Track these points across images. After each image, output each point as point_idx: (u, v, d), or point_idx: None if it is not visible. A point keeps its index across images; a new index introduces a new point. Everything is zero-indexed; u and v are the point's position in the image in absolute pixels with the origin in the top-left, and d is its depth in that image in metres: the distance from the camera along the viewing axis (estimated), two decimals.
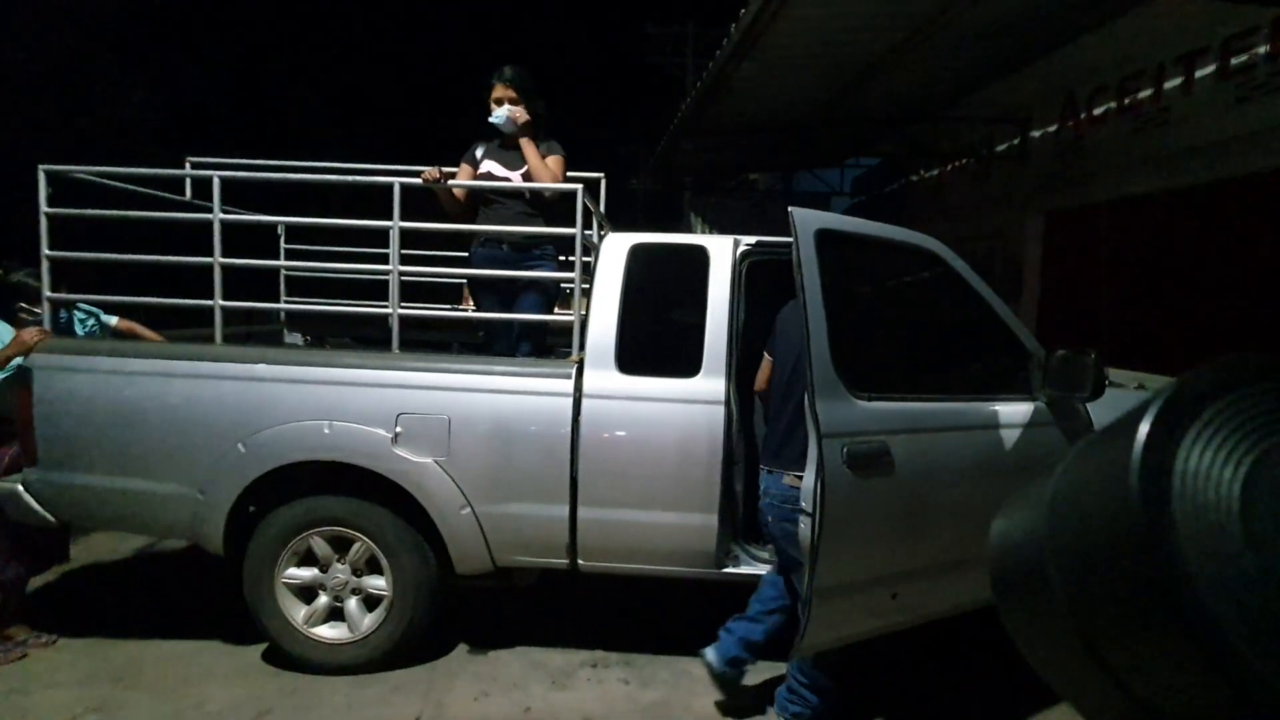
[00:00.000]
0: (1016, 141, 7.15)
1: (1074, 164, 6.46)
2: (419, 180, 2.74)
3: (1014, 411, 2.28)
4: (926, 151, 8.41)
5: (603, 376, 2.53)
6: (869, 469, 1.93)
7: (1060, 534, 0.45)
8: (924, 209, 9.21)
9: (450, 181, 2.89)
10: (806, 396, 1.92)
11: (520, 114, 2.95)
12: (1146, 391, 2.62)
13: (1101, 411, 2.39)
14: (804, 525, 1.95)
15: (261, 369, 2.53)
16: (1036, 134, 6.96)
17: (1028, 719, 2.45)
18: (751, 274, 2.70)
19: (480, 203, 3.06)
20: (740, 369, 2.60)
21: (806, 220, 2.00)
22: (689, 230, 9.08)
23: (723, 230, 9.10)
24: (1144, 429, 0.40)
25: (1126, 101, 5.91)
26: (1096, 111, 6.22)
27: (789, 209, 2.01)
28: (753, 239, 2.69)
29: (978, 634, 2.00)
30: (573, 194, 2.63)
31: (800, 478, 2.04)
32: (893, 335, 2.30)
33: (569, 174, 3.13)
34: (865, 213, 11.07)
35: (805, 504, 1.94)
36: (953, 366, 2.33)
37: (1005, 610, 0.54)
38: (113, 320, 3.13)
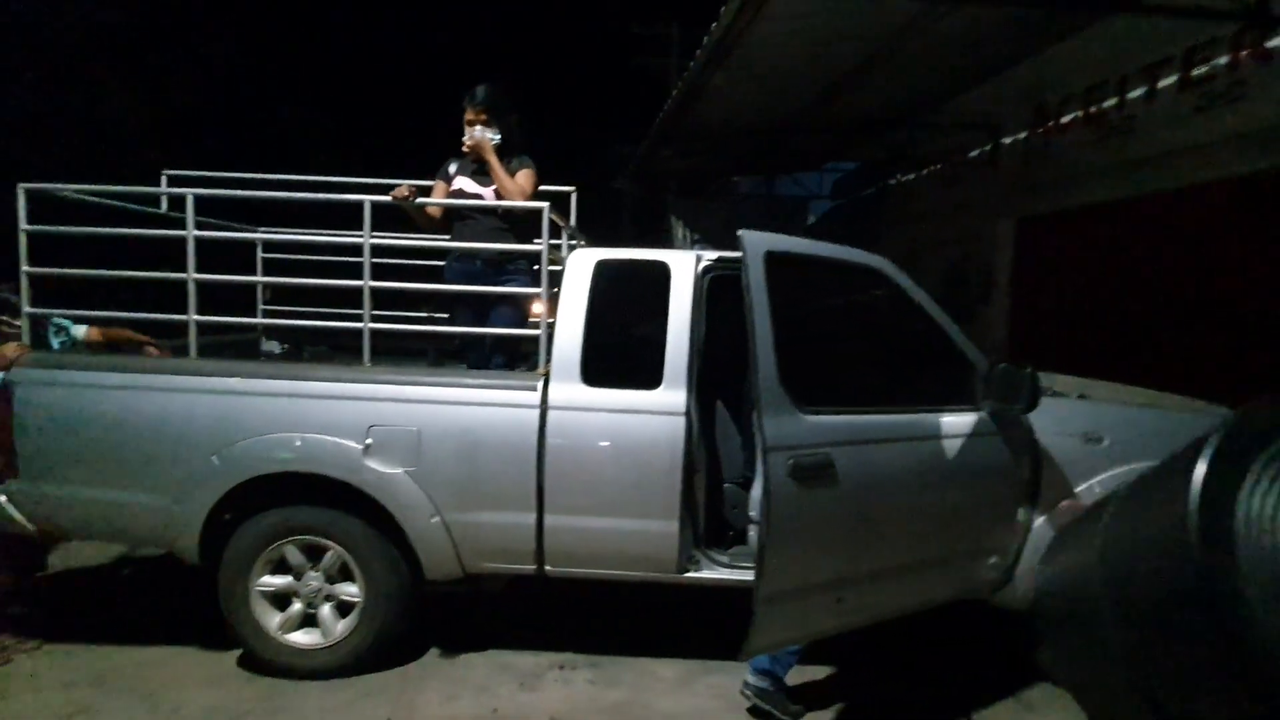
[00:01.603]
0: (988, 148, 7.31)
1: (1042, 171, 6.62)
2: (389, 198, 2.82)
3: (957, 422, 2.40)
4: (902, 157, 8.56)
5: (568, 389, 2.62)
6: (813, 480, 2.04)
7: (1117, 582, 0.40)
8: (901, 212, 9.36)
9: (420, 200, 2.96)
10: (754, 412, 2.02)
11: (486, 142, 3.01)
12: (1087, 400, 2.76)
13: (1041, 420, 2.53)
14: (753, 533, 2.06)
15: (235, 383, 2.61)
16: (1007, 141, 7.12)
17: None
18: (713, 289, 2.80)
19: (455, 217, 3.14)
20: (701, 381, 2.71)
21: (755, 243, 2.10)
22: (670, 233, 9.17)
23: (703, 233, 9.23)
24: (1201, 469, 0.34)
25: (1092, 110, 6.07)
26: (1064, 120, 6.37)
27: (739, 233, 2.11)
28: (714, 254, 2.78)
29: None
30: (542, 209, 2.72)
31: None
32: (840, 351, 2.41)
33: (541, 187, 3.21)
34: (844, 216, 11.25)
35: (754, 513, 2.04)
36: (898, 380, 2.44)
37: (1051, 652, 0.55)
38: (80, 331, 3.13)
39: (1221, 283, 5.02)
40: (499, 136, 3.06)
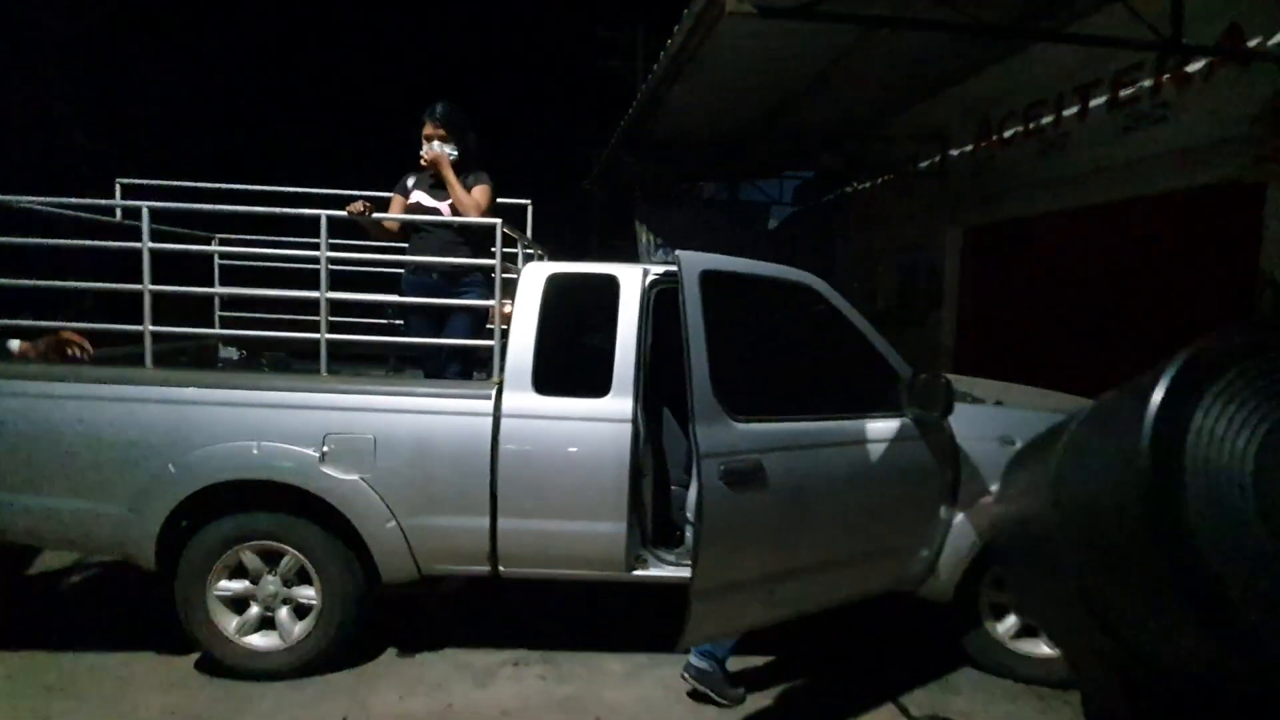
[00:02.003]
0: (938, 159, 7.62)
1: (987, 183, 6.94)
2: (344, 213, 2.90)
3: (882, 428, 2.59)
4: (857, 167, 8.85)
5: (520, 397, 2.74)
6: (744, 484, 2.20)
7: (1069, 510, 0.43)
8: (858, 219, 9.67)
9: (376, 215, 3.05)
10: (689, 421, 2.17)
11: (444, 157, 3.12)
12: (1003, 406, 2.98)
13: (961, 425, 2.74)
14: (690, 533, 2.21)
15: (191, 392, 2.66)
16: (955, 153, 7.43)
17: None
18: (660, 301, 2.94)
19: (412, 231, 3.23)
20: (649, 389, 2.85)
21: (691, 262, 2.25)
22: (635, 236, 9.32)
23: (667, 238, 9.38)
24: (1158, 395, 0.37)
25: (1031, 126, 6.40)
26: (1006, 135, 6.70)
27: (676, 252, 2.26)
28: (661, 269, 2.93)
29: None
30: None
31: None
32: (772, 363, 2.58)
33: (500, 200, 3.32)
34: (805, 222, 11.54)
35: (690, 515, 2.19)
36: (827, 389, 2.62)
37: (1012, 585, 0.57)
38: (14, 345, 3.08)
39: (1146, 291, 5.36)
40: (456, 152, 3.17)
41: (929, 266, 7.89)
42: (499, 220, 2.83)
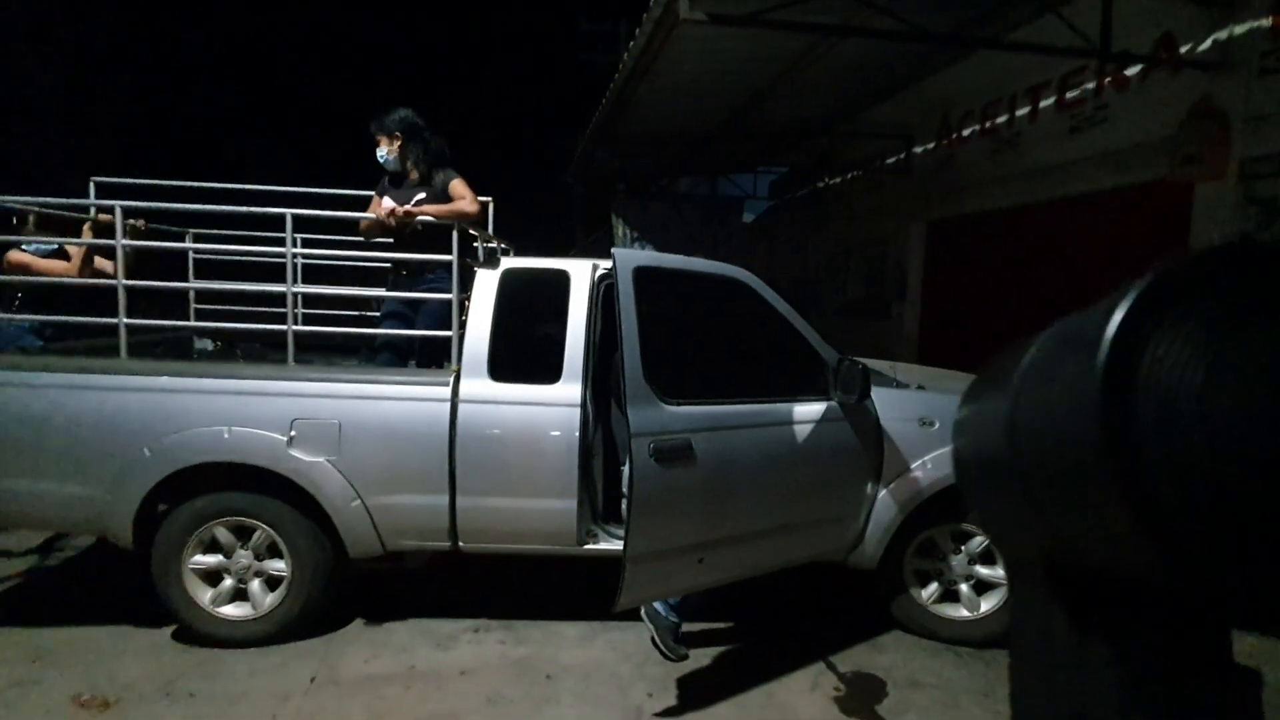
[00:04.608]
0: (902, 156, 7.86)
1: (948, 179, 7.19)
2: (311, 212, 3.08)
3: (807, 410, 2.82)
4: (828, 163, 9.09)
5: (477, 384, 2.94)
6: (673, 461, 2.42)
7: (1025, 434, 0.45)
8: (829, 213, 9.92)
9: (361, 214, 3.25)
10: (622, 403, 2.39)
11: (409, 212, 3.23)
12: (924, 390, 3.22)
13: (884, 407, 2.98)
14: (625, 506, 2.43)
15: (165, 381, 2.84)
16: (919, 150, 7.68)
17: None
18: (609, 294, 3.14)
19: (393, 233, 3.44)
20: (598, 375, 3.06)
21: (626, 260, 2.46)
22: (610, 229, 9.51)
23: (643, 231, 9.57)
24: (1117, 317, 0.39)
25: (988, 125, 6.65)
26: (965, 133, 6.95)
27: (612, 250, 2.47)
28: (609, 263, 3.13)
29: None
30: (458, 218, 3.05)
31: None
32: (701, 350, 2.80)
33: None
34: (779, 216, 11.77)
35: (625, 489, 2.41)
36: (755, 375, 2.85)
37: (974, 510, 0.57)
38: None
39: (1091, 283, 5.63)
40: (392, 157, 3.37)
41: (894, 260, 8.15)
42: (454, 221, 3.01)
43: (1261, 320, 0.38)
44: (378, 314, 3.87)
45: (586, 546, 3.03)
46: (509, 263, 3.11)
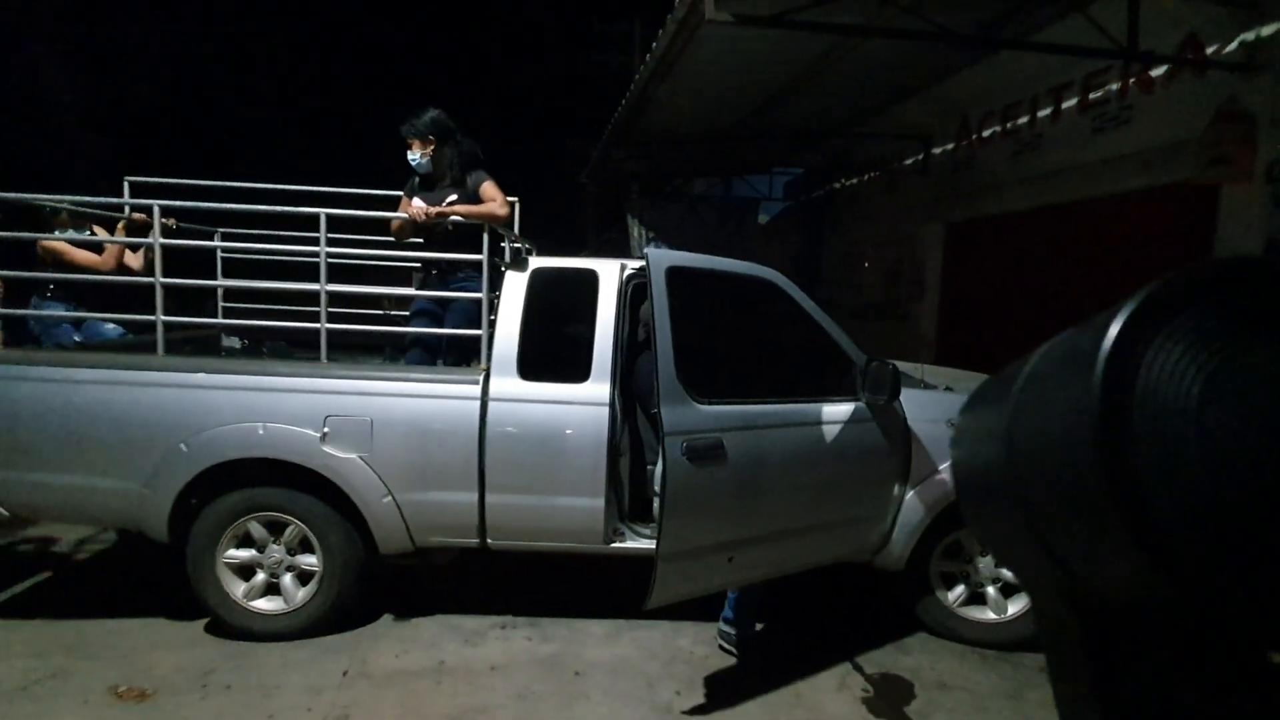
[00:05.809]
0: (920, 157, 7.83)
1: (967, 180, 7.16)
2: (342, 212, 3.11)
3: (836, 410, 2.82)
4: (844, 164, 9.06)
5: (506, 382, 2.96)
6: (704, 460, 2.43)
7: (1023, 447, 0.45)
8: (845, 215, 9.90)
9: (393, 214, 3.29)
10: (652, 403, 2.40)
11: (442, 212, 3.26)
12: (953, 393, 3.22)
13: (912, 408, 2.98)
14: (657, 504, 2.44)
15: (201, 377, 2.88)
16: (937, 151, 7.65)
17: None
18: (636, 294, 3.17)
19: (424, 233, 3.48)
20: (626, 374, 3.08)
21: (659, 260, 2.47)
22: (626, 230, 9.53)
23: (659, 231, 9.58)
24: (1114, 330, 0.39)
25: (1009, 126, 6.62)
26: (985, 134, 6.92)
27: (645, 251, 2.48)
28: (637, 263, 3.15)
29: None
30: (489, 219, 3.07)
31: None
32: (733, 350, 2.81)
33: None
34: (795, 217, 11.75)
35: (656, 487, 2.42)
36: (784, 375, 2.85)
37: (972, 524, 0.57)
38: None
39: (1114, 285, 5.59)
40: (425, 160, 3.39)
41: (912, 261, 8.12)
42: (484, 221, 3.04)
43: (1258, 334, 0.38)
44: (405, 313, 3.91)
45: (613, 545, 3.04)
46: (538, 262, 3.13)
